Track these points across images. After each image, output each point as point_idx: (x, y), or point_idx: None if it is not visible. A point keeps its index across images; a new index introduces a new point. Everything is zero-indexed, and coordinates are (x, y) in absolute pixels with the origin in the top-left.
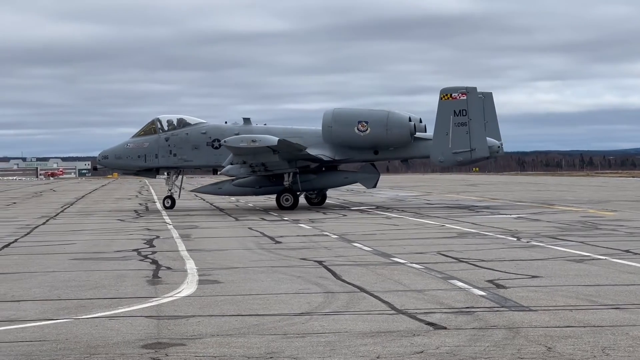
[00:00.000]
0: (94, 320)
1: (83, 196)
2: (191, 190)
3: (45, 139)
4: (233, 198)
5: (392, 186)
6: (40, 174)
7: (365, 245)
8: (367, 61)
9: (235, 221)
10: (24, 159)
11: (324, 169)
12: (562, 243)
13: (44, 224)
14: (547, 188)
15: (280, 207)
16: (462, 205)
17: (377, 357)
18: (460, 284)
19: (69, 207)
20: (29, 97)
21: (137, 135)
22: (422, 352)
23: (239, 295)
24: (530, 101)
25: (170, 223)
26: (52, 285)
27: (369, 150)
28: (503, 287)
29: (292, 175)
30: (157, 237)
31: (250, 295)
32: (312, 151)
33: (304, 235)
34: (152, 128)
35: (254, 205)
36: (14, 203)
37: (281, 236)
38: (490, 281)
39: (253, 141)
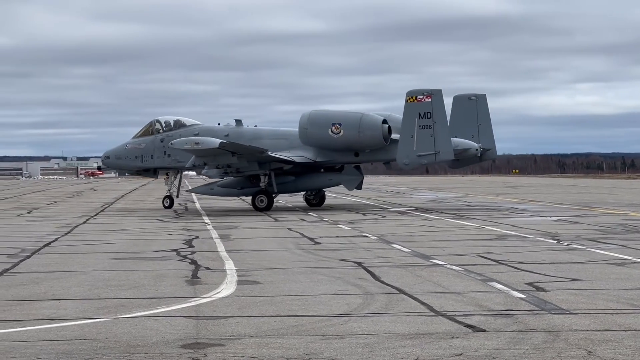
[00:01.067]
0: (134, 319)
1: (123, 196)
2: (187, 190)
3: (85, 139)
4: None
5: (432, 187)
6: (81, 173)
7: (404, 247)
8: (405, 62)
9: (275, 222)
10: (64, 158)
11: (326, 170)
12: (602, 246)
13: (84, 223)
14: (588, 190)
15: (255, 207)
16: (502, 207)
17: (416, 359)
18: (499, 286)
19: (108, 206)
20: (69, 97)
21: (137, 136)
22: (461, 354)
23: (278, 296)
24: (571, 103)
25: (210, 223)
26: (92, 284)
27: (348, 152)
28: (543, 289)
29: (268, 176)
30: (197, 237)
31: (289, 296)
32: (295, 153)
33: (343, 236)
34: (150, 129)
35: (293, 205)
36: (55, 202)
37: (320, 237)
38: (530, 284)
39: (196, 143)
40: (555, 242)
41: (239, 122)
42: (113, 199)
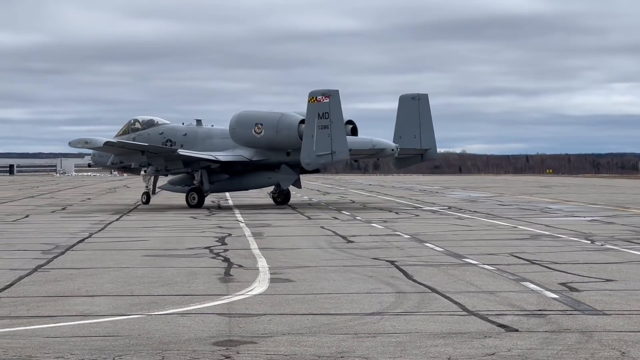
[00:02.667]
0: (166, 316)
1: (157, 192)
2: (158, 187)
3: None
4: (306, 197)
5: (465, 187)
6: (114, 170)
7: (437, 246)
8: (439, 61)
9: (308, 220)
10: None
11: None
12: (637, 247)
13: (117, 220)
14: (623, 191)
15: (189, 204)
16: (535, 207)
17: (448, 358)
18: (532, 286)
19: (142, 203)
20: (103, 94)
21: (117, 134)
22: (493, 354)
23: (310, 294)
24: (606, 103)
25: (243, 221)
26: (125, 281)
27: (280, 151)
28: (576, 290)
29: (201, 175)
30: (229, 234)
31: (322, 294)
32: (236, 152)
33: (376, 235)
34: (128, 128)
35: (326, 204)
36: (89, 199)
37: (353, 235)
38: (563, 284)
39: (86, 142)
40: (589, 242)
41: (199, 122)
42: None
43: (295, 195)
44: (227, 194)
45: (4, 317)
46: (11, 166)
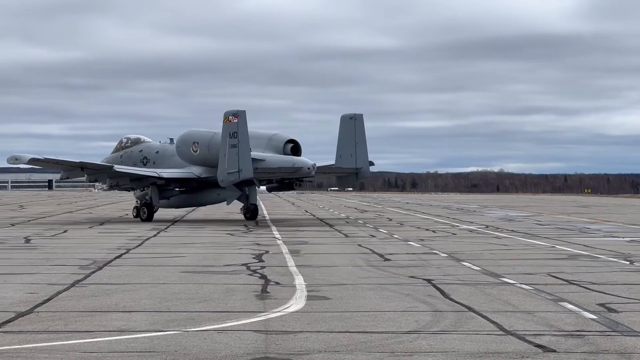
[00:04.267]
0: (203, 333)
1: (193, 209)
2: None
3: None
4: (343, 214)
5: (502, 206)
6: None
7: (474, 265)
8: (478, 80)
9: (345, 237)
10: None
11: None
12: None
13: (155, 236)
14: None
15: (140, 218)
16: (574, 227)
17: None
18: (570, 306)
19: (179, 219)
20: (142, 110)
21: (112, 152)
22: None
23: (347, 312)
24: None
25: (280, 238)
26: (162, 297)
27: (216, 168)
28: (615, 311)
29: (150, 191)
30: (267, 252)
31: (359, 312)
32: (188, 169)
33: (413, 253)
34: (119, 145)
35: (363, 222)
36: (126, 214)
37: (390, 253)
38: (602, 305)
39: (16, 159)
40: (628, 263)
41: (172, 140)
42: (184, 212)
43: (333, 213)
44: (264, 211)
45: (41, 332)
46: (50, 181)
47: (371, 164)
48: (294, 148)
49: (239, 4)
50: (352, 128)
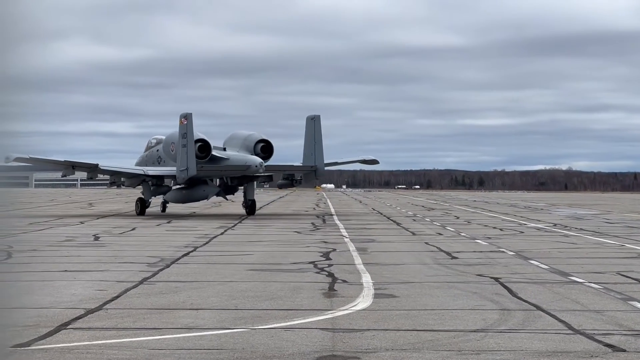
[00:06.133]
0: (270, 330)
1: (260, 207)
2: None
3: None
4: (410, 212)
5: (571, 204)
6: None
7: (542, 263)
8: (543, 77)
9: (412, 235)
10: None
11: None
12: None
13: (222, 234)
14: None
15: (136, 212)
16: None
17: None
18: None
19: (246, 217)
20: (209, 108)
21: (144, 150)
22: None
23: (414, 310)
24: None
25: (347, 236)
26: (229, 294)
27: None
28: None
29: (142, 187)
30: (334, 249)
31: (425, 310)
32: (172, 168)
33: (481, 252)
34: (147, 146)
35: (431, 220)
36: (194, 212)
37: (457, 252)
38: None
39: (7, 158)
40: None
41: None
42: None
43: (400, 211)
44: (332, 209)
45: (110, 329)
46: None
47: (375, 162)
48: (264, 147)
49: (305, 3)
50: (312, 128)
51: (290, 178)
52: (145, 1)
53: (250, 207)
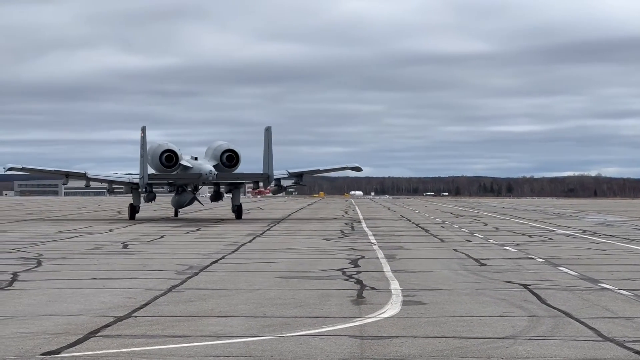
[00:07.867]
0: (298, 338)
1: (289, 215)
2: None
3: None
4: (439, 219)
5: (600, 210)
6: (248, 192)
7: (571, 270)
8: (572, 84)
9: (441, 242)
10: None
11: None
12: None
13: (250, 241)
14: None
15: (128, 217)
16: None
17: None
18: None
19: (275, 225)
20: (236, 116)
21: None
22: None
23: (442, 317)
24: None
25: (376, 243)
26: (258, 302)
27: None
28: None
29: (134, 193)
30: (362, 257)
31: (454, 317)
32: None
33: (509, 258)
34: None
35: (459, 227)
36: (222, 220)
37: (486, 258)
38: None
39: (4, 168)
40: None
41: (195, 158)
42: (280, 218)
43: (429, 217)
44: (360, 216)
45: (139, 336)
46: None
47: (359, 169)
48: (229, 157)
49: (332, 11)
50: (267, 139)
51: (278, 185)
52: (173, 10)
53: (237, 211)
